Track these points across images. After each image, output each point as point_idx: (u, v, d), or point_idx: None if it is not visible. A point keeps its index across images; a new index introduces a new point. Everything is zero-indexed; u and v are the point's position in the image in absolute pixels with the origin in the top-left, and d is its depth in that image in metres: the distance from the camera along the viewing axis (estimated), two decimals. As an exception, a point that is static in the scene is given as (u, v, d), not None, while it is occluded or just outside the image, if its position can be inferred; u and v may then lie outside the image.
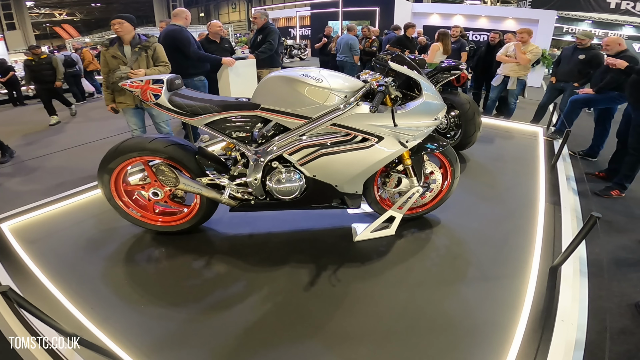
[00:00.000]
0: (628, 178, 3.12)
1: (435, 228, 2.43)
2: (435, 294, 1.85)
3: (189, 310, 1.71)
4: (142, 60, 2.97)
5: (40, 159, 3.89)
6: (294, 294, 1.82)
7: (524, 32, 4.79)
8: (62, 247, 2.19)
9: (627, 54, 3.51)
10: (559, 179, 3.22)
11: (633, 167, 3.07)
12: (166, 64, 3.09)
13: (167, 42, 3.53)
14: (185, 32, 3.63)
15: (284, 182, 1.93)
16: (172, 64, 3.59)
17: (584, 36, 4.40)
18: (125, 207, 2.16)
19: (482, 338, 1.60)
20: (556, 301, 1.80)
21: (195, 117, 1.88)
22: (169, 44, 3.51)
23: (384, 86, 1.70)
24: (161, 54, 3.08)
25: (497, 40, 5.84)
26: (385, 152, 1.89)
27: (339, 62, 6.41)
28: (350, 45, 6.20)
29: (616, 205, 3.05)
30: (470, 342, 1.58)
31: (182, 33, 3.60)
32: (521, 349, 1.53)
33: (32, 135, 5.06)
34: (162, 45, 3.55)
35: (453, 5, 13.29)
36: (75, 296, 1.78)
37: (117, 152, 2.00)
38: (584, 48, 4.42)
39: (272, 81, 1.84)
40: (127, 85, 1.94)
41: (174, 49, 3.52)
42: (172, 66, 3.58)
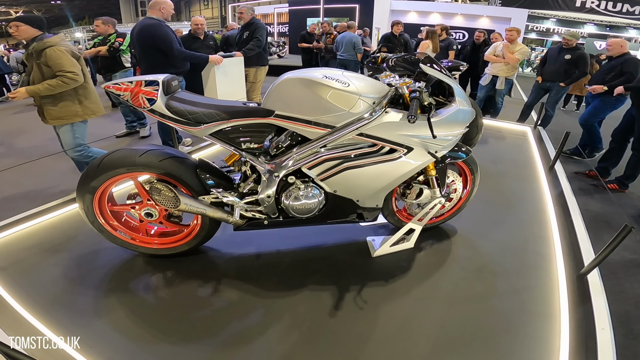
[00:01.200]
0: (630, 177, 3.16)
1: (453, 238, 2.30)
2: (469, 309, 1.74)
3: (206, 347, 1.47)
4: (35, 70, 2.34)
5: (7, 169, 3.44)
6: (320, 321, 1.62)
7: (513, 31, 4.80)
8: (39, 275, 1.86)
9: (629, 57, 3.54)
10: (560, 182, 3.20)
11: (635, 167, 3.09)
12: (64, 74, 2.33)
13: (142, 37, 3.14)
14: (165, 28, 3.20)
15: (302, 199, 1.71)
16: (147, 63, 3.23)
17: (571, 36, 4.46)
18: (112, 230, 1.86)
19: (527, 352, 1.53)
20: (591, 310, 1.74)
21: (199, 126, 1.62)
22: (145, 40, 3.14)
23: (418, 92, 1.52)
24: (55, 62, 2.31)
25: (482, 39, 5.85)
26: (413, 163, 1.72)
27: (340, 61, 6.33)
28: (353, 43, 6.17)
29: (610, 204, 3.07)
30: (517, 357, 1.49)
31: (162, 28, 3.16)
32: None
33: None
34: (137, 41, 3.18)
35: (430, 3, 13.43)
36: (69, 335, 1.49)
37: (100, 167, 1.69)
38: (570, 48, 4.48)
39: (289, 84, 1.61)
40: (112, 87, 1.64)
41: (150, 46, 3.15)
42: (148, 66, 3.23)
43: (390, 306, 1.73)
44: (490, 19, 12.39)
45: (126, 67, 4.22)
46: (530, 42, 21.77)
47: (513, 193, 3.00)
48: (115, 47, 4.06)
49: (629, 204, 3.24)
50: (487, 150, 4.00)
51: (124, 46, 4.14)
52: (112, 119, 5.38)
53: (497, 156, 3.83)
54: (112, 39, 4.09)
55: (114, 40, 4.07)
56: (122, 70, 4.20)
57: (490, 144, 4.25)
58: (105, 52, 4.06)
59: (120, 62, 4.18)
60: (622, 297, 1.97)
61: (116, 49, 4.07)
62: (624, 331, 1.73)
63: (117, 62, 4.16)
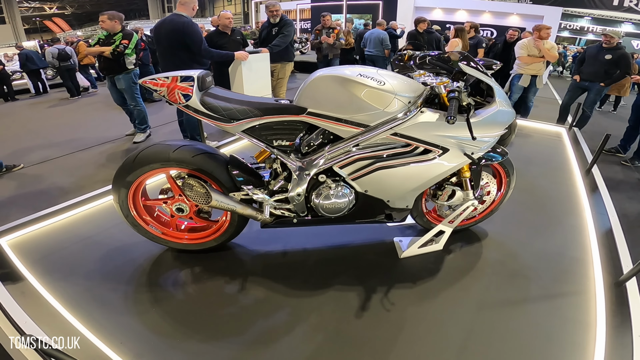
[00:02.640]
0: None
1: (483, 241, 2.23)
2: (501, 315, 1.69)
3: (232, 345, 1.49)
4: None
5: (38, 164, 3.59)
6: (347, 322, 1.61)
7: (547, 29, 4.59)
8: (71, 267, 1.93)
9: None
10: (598, 186, 3.05)
11: None
12: None
13: (173, 34, 3.16)
14: (197, 27, 3.23)
15: (332, 199, 1.70)
16: (171, 60, 3.26)
17: (613, 34, 4.22)
18: (144, 224, 1.91)
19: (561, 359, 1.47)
20: (629, 317, 1.67)
21: (232, 123, 1.62)
22: (176, 37, 3.15)
23: (457, 92, 1.47)
24: None
25: (515, 37, 5.64)
26: (447, 165, 1.66)
27: (368, 57, 6.44)
28: (381, 39, 6.25)
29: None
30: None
31: (194, 27, 3.18)
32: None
33: (25, 135, 4.70)
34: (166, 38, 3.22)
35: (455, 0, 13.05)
36: (101, 329, 1.54)
37: (136, 162, 1.73)
38: (611, 47, 4.25)
39: (323, 81, 1.59)
40: (149, 82, 1.67)
41: (179, 44, 3.17)
42: (174, 61, 3.23)
43: (418, 309, 1.69)
44: (521, 17, 11.88)
45: (129, 69, 3.86)
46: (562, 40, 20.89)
47: (548, 196, 2.87)
48: (120, 51, 3.68)
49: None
50: (520, 152, 3.84)
51: (129, 49, 3.76)
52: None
53: (531, 158, 3.68)
54: (118, 39, 3.71)
55: (119, 42, 3.69)
56: (125, 72, 3.85)
57: (524, 145, 4.08)
58: (108, 54, 3.70)
59: (123, 65, 3.80)
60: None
61: (120, 53, 3.69)
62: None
63: (120, 64, 3.79)
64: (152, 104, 5.89)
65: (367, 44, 6.42)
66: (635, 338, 1.56)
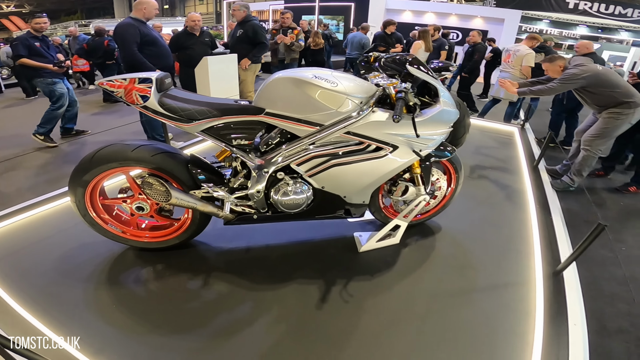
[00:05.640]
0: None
1: (437, 235, 2.38)
2: (452, 304, 1.81)
3: (196, 337, 1.53)
4: None
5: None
6: (307, 313, 1.68)
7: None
8: (30, 267, 1.89)
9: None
10: (542, 181, 3.30)
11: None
12: None
13: (114, 36, 3.19)
14: (129, 28, 3.10)
15: (291, 195, 1.77)
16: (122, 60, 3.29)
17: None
18: (103, 223, 1.90)
19: (504, 346, 1.59)
20: (565, 306, 1.83)
21: (191, 123, 1.66)
22: (116, 40, 3.18)
23: (404, 92, 1.58)
24: None
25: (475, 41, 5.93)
26: (398, 161, 1.78)
27: (349, 59, 6.66)
28: (362, 43, 6.45)
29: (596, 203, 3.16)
30: (494, 351, 1.56)
31: (124, 28, 3.10)
32: (543, 355, 1.53)
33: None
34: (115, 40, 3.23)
35: (425, 3, 13.49)
36: (60, 326, 1.53)
37: (93, 161, 1.73)
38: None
39: (280, 83, 1.66)
40: (105, 84, 1.67)
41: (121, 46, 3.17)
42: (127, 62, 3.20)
43: (375, 300, 1.79)
44: (484, 20, 12.47)
45: None
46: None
47: (497, 191, 3.09)
48: None
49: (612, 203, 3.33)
50: (474, 150, 4.09)
51: None
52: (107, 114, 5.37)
53: (485, 155, 3.93)
54: None
55: None
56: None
57: (479, 144, 4.33)
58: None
59: None
60: (598, 295, 2.03)
61: None
62: (597, 328, 1.77)
63: None
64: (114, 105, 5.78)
65: (349, 46, 6.60)
66: (570, 326, 1.68)
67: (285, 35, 4.75)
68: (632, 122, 2.93)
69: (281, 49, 4.90)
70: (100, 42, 5.99)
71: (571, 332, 1.67)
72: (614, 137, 3.07)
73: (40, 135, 3.78)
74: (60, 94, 3.69)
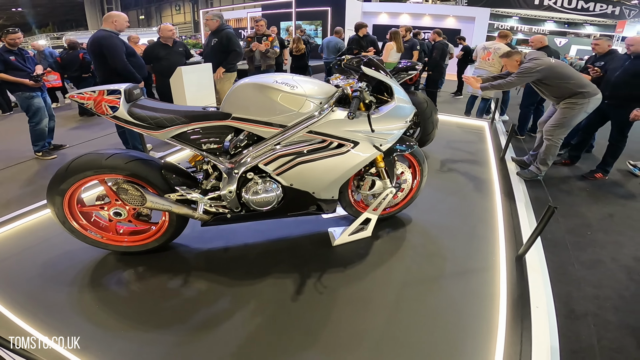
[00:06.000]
0: (610, 164, 3.53)
1: (408, 226, 2.50)
2: (421, 291, 1.91)
3: (176, 332, 1.60)
4: None
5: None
6: (283, 305, 1.78)
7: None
8: (15, 275, 1.94)
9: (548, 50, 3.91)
10: (508, 171, 3.49)
11: (614, 155, 3.48)
12: None
13: (93, 48, 3.20)
14: (115, 39, 3.21)
15: (261, 193, 1.87)
16: (102, 73, 3.30)
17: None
18: (82, 229, 1.96)
19: (471, 330, 1.68)
20: (527, 289, 1.93)
21: (160, 130, 1.74)
22: (95, 50, 3.19)
23: (359, 91, 1.71)
24: None
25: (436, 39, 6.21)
26: (361, 156, 1.90)
27: (326, 63, 6.77)
28: (338, 48, 6.56)
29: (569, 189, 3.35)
30: (462, 335, 1.65)
31: (111, 39, 3.18)
32: (507, 337, 1.62)
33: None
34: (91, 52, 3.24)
35: (399, 5, 13.83)
36: (47, 327, 1.60)
37: (68, 171, 1.79)
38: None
39: (243, 89, 1.77)
40: (76, 96, 1.75)
41: (101, 56, 3.19)
42: (101, 74, 3.30)
43: (348, 290, 1.89)
44: (456, 19, 12.88)
45: None
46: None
47: (465, 183, 3.25)
48: None
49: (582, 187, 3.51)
50: (446, 145, 4.27)
51: None
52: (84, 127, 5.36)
53: (454, 149, 4.10)
54: None
55: None
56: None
57: (450, 139, 4.52)
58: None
59: None
60: (565, 279, 2.09)
61: None
62: (565, 312, 1.83)
63: None
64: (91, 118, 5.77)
65: (325, 51, 6.73)
66: (533, 309, 1.78)
67: (260, 42, 4.84)
68: (587, 111, 3.11)
69: (257, 56, 4.98)
70: (75, 55, 5.93)
71: (533, 314, 1.75)
72: (572, 125, 3.24)
73: (39, 152, 3.87)
74: (36, 108, 3.69)
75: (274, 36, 5.05)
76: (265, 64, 5.06)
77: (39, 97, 3.73)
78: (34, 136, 3.79)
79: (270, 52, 4.89)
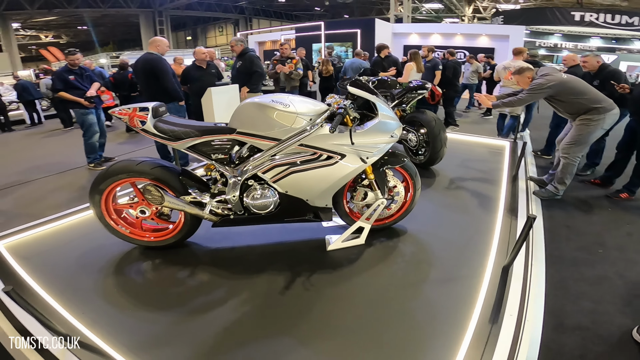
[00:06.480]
0: (637, 184, 3.39)
1: (402, 237, 2.64)
2: (401, 294, 2.04)
3: (174, 313, 1.89)
4: None
5: (30, 183, 4.04)
6: (271, 297, 2.00)
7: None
8: (55, 262, 2.35)
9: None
10: (518, 189, 3.49)
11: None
12: None
13: (145, 68, 3.69)
14: (165, 62, 3.74)
15: (260, 198, 2.15)
16: (148, 92, 3.76)
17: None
18: (114, 224, 2.34)
19: (439, 330, 1.78)
20: (505, 298, 1.99)
21: (178, 141, 2.10)
22: (147, 70, 3.69)
23: (343, 108, 1.96)
24: None
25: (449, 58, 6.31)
26: (348, 168, 2.12)
27: None
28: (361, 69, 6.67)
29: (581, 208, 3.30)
30: (429, 334, 1.76)
31: (162, 62, 3.71)
32: (472, 340, 1.70)
33: (22, 160, 5.17)
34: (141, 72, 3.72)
35: (430, 25, 13.97)
36: (69, 303, 1.94)
37: (106, 174, 2.20)
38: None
39: (246, 107, 2.09)
40: (117, 112, 2.15)
41: (151, 77, 3.69)
42: (149, 93, 3.76)
43: (332, 289, 2.08)
44: (490, 37, 12.74)
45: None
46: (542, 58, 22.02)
47: (471, 199, 3.30)
48: None
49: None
50: (460, 164, 4.32)
51: None
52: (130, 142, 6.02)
53: (469, 168, 4.16)
54: None
55: None
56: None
57: (467, 158, 4.55)
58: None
59: None
60: (563, 294, 2.11)
61: None
62: (554, 324, 1.86)
63: None
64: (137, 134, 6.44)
65: (348, 72, 7.00)
66: (506, 316, 1.83)
67: (284, 65, 5.23)
68: (604, 128, 3.05)
69: (282, 78, 5.39)
70: (125, 75, 6.66)
71: (505, 321, 1.80)
72: (589, 142, 3.16)
73: (91, 164, 4.43)
74: (89, 123, 4.28)
75: (297, 59, 5.42)
76: (290, 85, 5.42)
77: (93, 114, 4.31)
78: (87, 149, 4.36)
79: (294, 74, 5.26)
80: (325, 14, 28.89)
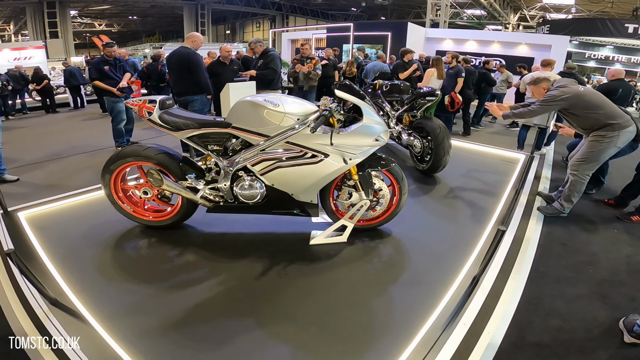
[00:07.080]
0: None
1: (384, 239, 2.73)
2: (368, 292, 2.14)
3: (154, 287, 2.11)
4: None
5: (62, 159, 4.49)
6: (245, 280, 2.18)
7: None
8: (65, 234, 2.66)
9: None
10: (517, 203, 3.44)
11: None
12: None
13: (180, 61, 3.95)
14: (200, 57, 4.01)
15: (248, 189, 2.33)
16: (179, 84, 4.04)
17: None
18: (120, 202, 2.61)
19: (391, 330, 1.85)
20: (466, 307, 2.02)
21: (178, 132, 2.33)
22: (182, 64, 3.94)
23: (328, 110, 2.10)
24: None
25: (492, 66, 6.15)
26: (331, 166, 2.25)
27: None
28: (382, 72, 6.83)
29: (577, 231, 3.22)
30: (381, 332, 1.83)
31: (197, 57, 3.96)
32: (419, 344, 1.75)
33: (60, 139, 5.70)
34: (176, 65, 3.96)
35: (466, 31, 13.61)
36: (65, 270, 2.22)
37: (117, 156, 2.47)
38: None
39: (241, 104, 2.29)
40: (130, 103, 2.41)
41: (185, 70, 3.94)
42: (180, 84, 4.04)
43: (304, 280, 2.21)
44: (530, 46, 12.20)
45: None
46: (591, 70, 20.72)
47: (464, 210, 3.31)
48: None
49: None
50: (466, 174, 4.29)
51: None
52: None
53: (472, 179, 4.13)
54: None
55: None
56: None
57: (475, 169, 4.51)
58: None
59: None
60: (534, 309, 2.09)
61: None
62: (515, 339, 1.84)
63: None
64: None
65: (369, 75, 7.03)
66: (459, 325, 1.86)
67: (303, 64, 5.39)
68: (619, 146, 2.90)
69: (301, 77, 5.56)
70: (156, 66, 7.07)
71: (457, 329, 1.85)
72: (601, 160, 3.02)
73: (119, 147, 4.81)
74: (118, 111, 4.65)
75: (317, 59, 5.54)
76: (308, 84, 5.55)
77: (122, 102, 4.65)
78: (115, 133, 4.76)
79: (312, 73, 5.41)
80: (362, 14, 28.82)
